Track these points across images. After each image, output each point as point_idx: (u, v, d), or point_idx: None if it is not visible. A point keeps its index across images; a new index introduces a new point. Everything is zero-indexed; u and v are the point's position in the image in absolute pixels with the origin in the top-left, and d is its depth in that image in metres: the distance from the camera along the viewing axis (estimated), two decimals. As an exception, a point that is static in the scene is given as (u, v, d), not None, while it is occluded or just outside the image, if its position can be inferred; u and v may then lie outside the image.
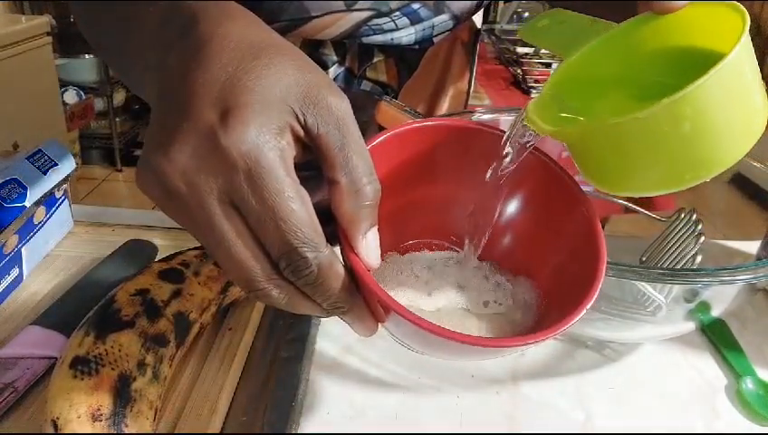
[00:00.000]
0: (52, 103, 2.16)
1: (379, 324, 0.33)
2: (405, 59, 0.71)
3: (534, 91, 1.88)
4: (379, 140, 0.32)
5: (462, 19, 0.69)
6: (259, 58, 0.26)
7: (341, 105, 0.27)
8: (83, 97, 2.59)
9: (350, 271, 0.28)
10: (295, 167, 0.27)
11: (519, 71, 1.88)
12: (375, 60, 0.69)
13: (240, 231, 0.25)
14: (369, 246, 0.28)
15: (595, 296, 0.28)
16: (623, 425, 0.44)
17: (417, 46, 0.69)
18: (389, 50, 0.69)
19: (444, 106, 0.77)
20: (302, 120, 0.26)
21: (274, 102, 0.26)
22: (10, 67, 1.88)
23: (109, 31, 0.39)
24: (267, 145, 0.25)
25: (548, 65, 1.86)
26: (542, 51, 1.78)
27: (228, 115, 0.25)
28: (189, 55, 0.27)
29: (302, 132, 0.27)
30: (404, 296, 0.34)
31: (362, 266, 0.28)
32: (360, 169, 0.27)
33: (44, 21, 2.03)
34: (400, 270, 0.36)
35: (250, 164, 0.24)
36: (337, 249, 0.29)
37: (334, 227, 0.28)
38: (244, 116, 0.25)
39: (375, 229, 0.28)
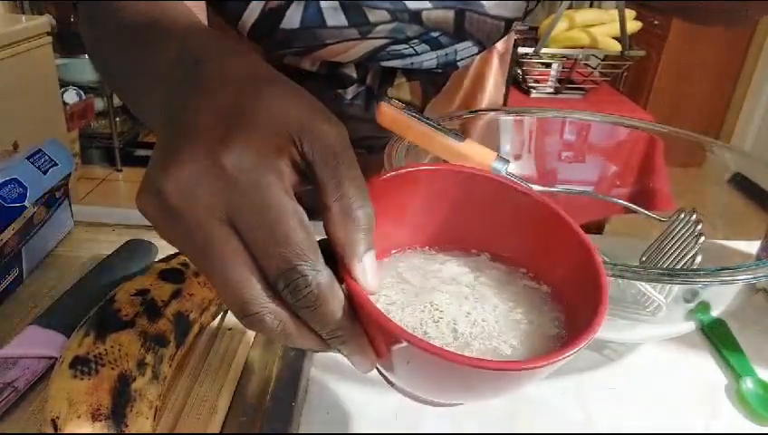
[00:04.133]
0: (52, 103, 2.15)
1: (379, 368, 0.33)
2: (430, 81, 0.68)
3: (534, 92, 1.89)
4: (379, 178, 0.32)
5: (488, 45, 0.66)
6: (260, 88, 0.27)
7: (336, 132, 0.27)
8: (83, 97, 2.59)
9: (349, 300, 0.27)
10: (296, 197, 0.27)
11: (519, 71, 1.88)
12: (397, 81, 0.67)
13: (237, 251, 0.25)
14: (366, 269, 0.27)
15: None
16: (623, 425, 0.44)
17: (440, 70, 0.66)
18: (412, 73, 0.66)
19: (477, 122, 0.73)
20: (300, 147, 0.27)
21: (273, 127, 0.26)
22: (10, 67, 1.88)
23: (121, 69, 0.39)
24: (266, 164, 0.25)
25: (548, 65, 1.86)
26: (543, 51, 1.78)
27: (228, 135, 0.25)
28: (195, 87, 0.28)
29: (298, 158, 0.27)
30: (408, 322, 0.31)
31: (361, 291, 0.27)
32: (352, 194, 0.27)
33: (44, 21, 2.03)
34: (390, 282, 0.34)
35: (249, 182, 0.25)
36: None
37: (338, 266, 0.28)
38: (244, 137, 0.25)
39: (372, 253, 0.28)
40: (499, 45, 0.72)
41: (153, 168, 0.26)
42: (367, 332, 0.28)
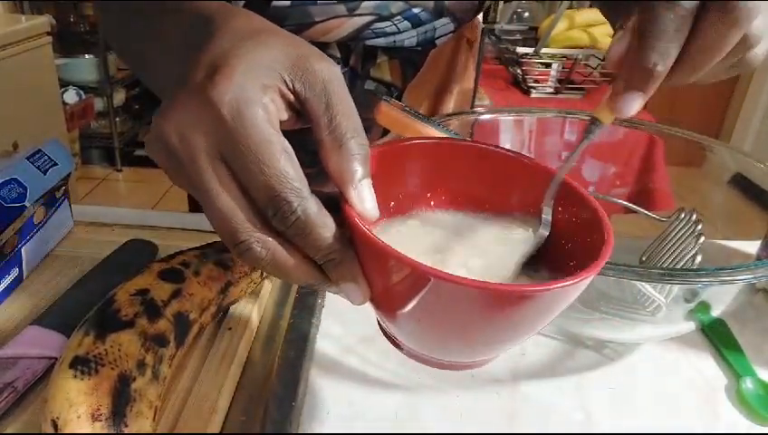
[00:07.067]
0: (53, 103, 2.15)
1: (381, 325, 0.33)
2: (409, 59, 0.71)
3: (534, 92, 1.89)
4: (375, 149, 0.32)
5: (463, 22, 0.70)
6: (252, 38, 0.29)
7: (327, 69, 0.28)
8: (83, 97, 2.59)
9: (350, 230, 0.28)
10: (296, 149, 0.28)
11: (519, 71, 1.88)
12: (378, 60, 0.70)
13: (225, 182, 0.27)
14: (361, 195, 0.28)
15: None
16: (623, 425, 0.44)
17: (419, 48, 0.69)
18: (393, 51, 0.70)
19: (449, 105, 0.77)
20: (291, 86, 0.28)
21: (261, 67, 0.28)
22: (10, 67, 1.88)
23: (137, 44, 0.41)
24: (251, 99, 0.27)
25: (548, 65, 1.86)
26: (543, 51, 1.78)
27: (215, 73, 0.27)
28: (199, 46, 0.29)
29: (291, 97, 0.28)
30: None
31: (355, 216, 0.27)
32: (344, 125, 0.28)
33: (44, 21, 2.03)
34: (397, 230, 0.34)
35: (233, 115, 0.26)
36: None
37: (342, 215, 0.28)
38: (229, 73, 0.27)
39: (367, 181, 0.29)
40: (470, 36, 0.76)
41: (155, 116, 0.28)
42: (361, 262, 0.28)
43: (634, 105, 0.31)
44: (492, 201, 0.36)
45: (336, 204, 0.28)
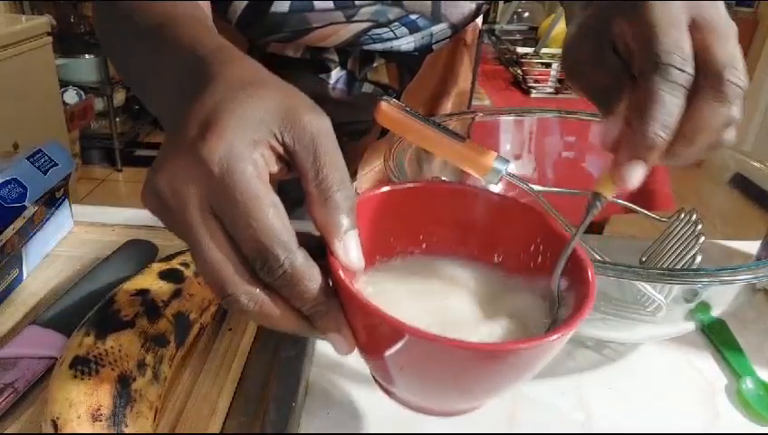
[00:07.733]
0: (53, 103, 2.15)
1: (374, 375, 0.33)
2: (406, 63, 0.72)
3: (534, 92, 1.89)
4: (366, 196, 0.33)
5: (460, 27, 0.70)
6: (245, 90, 0.29)
7: (316, 122, 0.29)
8: (83, 97, 2.59)
9: (334, 283, 0.29)
10: (282, 187, 0.29)
11: (519, 71, 1.88)
12: (376, 64, 0.70)
13: (215, 235, 0.27)
14: (346, 247, 0.29)
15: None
16: (623, 425, 0.44)
17: (416, 53, 0.69)
18: (390, 55, 0.70)
19: (447, 107, 0.77)
20: (281, 138, 0.29)
21: (251, 122, 0.28)
22: (10, 67, 1.88)
23: (137, 73, 0.42)
24: (240, 155, 0.27)
25: (548, 65, 1.86)
26: (543, 51, 1.78)
27: (206, 130, 0.28)
28: (194, 95, 0.30)
29: (281, 150, 0.29)
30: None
31: (338, 268, 0.28)
32: (330, 178, 0.29)
33: (44, 21, 2.03)
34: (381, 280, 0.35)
35: (223, 171, 0.27)
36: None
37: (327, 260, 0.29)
38: (220, 130, 0.27)
39: (353, 233, 0.29)
40: (467, 38, 0.76)
41: (151, 169, 0.29)
42: (345, 314, 0.29)
43: (637, 174, 0.32)
44: (483, 244, 0.36)
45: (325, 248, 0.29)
